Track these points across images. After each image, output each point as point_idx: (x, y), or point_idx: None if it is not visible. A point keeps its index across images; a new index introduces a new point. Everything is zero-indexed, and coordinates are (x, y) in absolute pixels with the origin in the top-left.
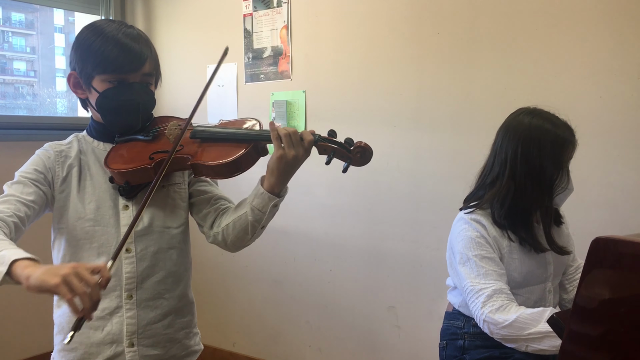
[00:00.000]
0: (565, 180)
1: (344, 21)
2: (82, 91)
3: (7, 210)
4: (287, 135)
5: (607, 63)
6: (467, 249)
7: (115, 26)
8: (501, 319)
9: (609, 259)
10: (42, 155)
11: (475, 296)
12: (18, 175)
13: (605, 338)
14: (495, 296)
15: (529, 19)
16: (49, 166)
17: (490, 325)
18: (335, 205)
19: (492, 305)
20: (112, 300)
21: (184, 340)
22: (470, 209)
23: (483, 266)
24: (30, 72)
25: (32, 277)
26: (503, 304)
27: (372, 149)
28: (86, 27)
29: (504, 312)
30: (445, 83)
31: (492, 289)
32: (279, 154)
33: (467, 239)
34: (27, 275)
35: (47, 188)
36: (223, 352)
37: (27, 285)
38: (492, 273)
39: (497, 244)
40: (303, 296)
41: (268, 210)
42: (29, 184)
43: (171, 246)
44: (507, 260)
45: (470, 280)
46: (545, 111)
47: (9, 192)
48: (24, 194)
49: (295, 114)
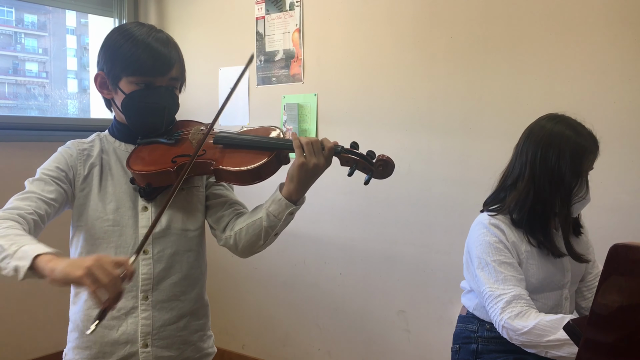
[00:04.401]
0: (583, 190)
1: (356, 25)
2: (107, 91)
3: (28, 207)
4: (308, 143)
5: (620, 68)
6: (485, 254)
7: (145, 30)
8: (520, 325)
9: (627, 265)
10: (65, 152)
11: (494, 302)
12: (40, 172)
13: (622, 345)
14: (514, 302)
15: (543, 23)
16: (71, 164)
17: (509, 331)
18: (345, 209)
19: (511, 311)
20: (127, 301)
21: (198, 342)
22: (492, 213)
23: (502, 271)
24: (42, 74)
25: (57, 270)
26: (522, 310)
27: (394, 163)
28: (116, 29)
29: (523, 319)
30: (458, 87)
31: (512, 294)
32: (300, 161)
33: (486, 244)
34: (51, 269)
35: (67, 186)
36: (232, 354)
37: (52, 278)
38: (511, 278)
39: (515, 249)
40: (313, 299)
41: (284, 218)
42: (50, 182)
43: (188, 249)
44: (525, 265)
45: (489, 285)
46: (570, 118)
47: (30, 189)
48: (44, 192)
49: (307, 117)
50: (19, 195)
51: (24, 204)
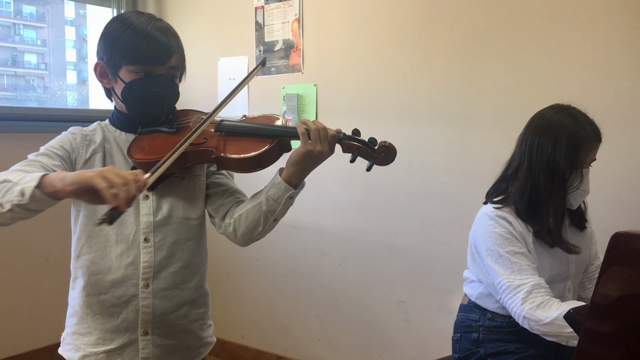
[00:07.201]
0: (578, 180)
1: (355, 14)
2: (107, 81)
3: (33, 171)
4: (316, 130)
5: (621, 58)
6: (497, 246)
7: (144, 19)
8: (543, 316)
9: (628, 254)
10: (69, 135)
11: (513, 292)
12: (44, 148)
13: (622, 335)
14: (534, 292)
15: (543, 13)
16: (74, 146)
17: (531, 321)
18: (345, 200)
19: (532, 301)
20: (128, 288)
21: (198, 331)
22: (498, 205)
23: (517, 262)
24: (41, 65)
25: (68, 177)
26: (543, 300)
27: (396, 149)
28: (115, 19)
29: (545, 309)
30: (458, 77)
31: (531, 284)
32: (305, 148)
33: (496, 235)
34: (62, 177)
35: (70, 166)
36: (232, 345)
37: (63, 185)
38: (527, 268)
39: (524, 240)
40: (313, 290)
41: (283, 202)
42: (55, 157)
43: (189, 237)
44: (533, 257)
45: (506, 277)
46: (574, 109)
47: (35, 159)
48: (49, 164)
49: (306, 108)
50: (22, 162)
51: (29, 168)
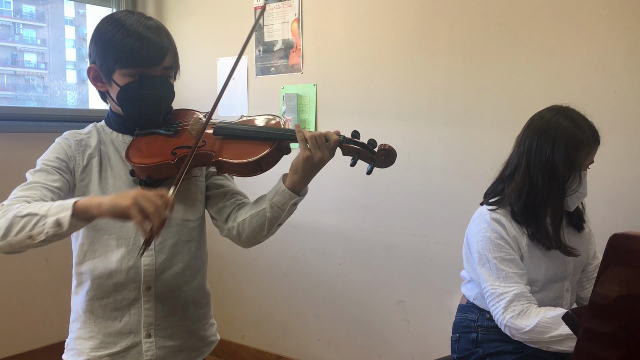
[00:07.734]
0: (576, 183)
1: (355, 14)
2: (102, 84)
3: (35, 195)
4: (313, 137)
5: (621, 57)
6: (486, 251)
7: (135, 18)
8: (523, 324)
9: (627, 255)
10: (63, 143)
11: (496, 300)
12: (40, 163)
13: (621, 335)
14: (515, 301)
15: (543, 12)
16: (70, 154)
17: (512, 330)
18: (345, 200)
19: (513, 310)
20: (130, 292)
21: (201, 331)
22: (493, 207)
23: (503, 269)
24: (40, 64)
25: (104, 203)
26: (524, 308)
27: (395, 152)
28: (105, 20)
29: (525, 317)
30: (458, 77)
31: (513, 293)
32: (305, 155)
33: (487, 239)
34: (97, 203)
35: (69, 176)
36: (232, 345)
37: (99, 211)
38: (512, 275)
39: (517, 244)
40: (312, 290)
41: (287, 209)
42: (52, 172)
43: (189, 239)
44: (527, 259)
45: (491, 282)
46: (573, 110)
47: (34, 179)
48: (49, 181)
49: (306, 108)
50: (22, 186)
51: (29, 193)
